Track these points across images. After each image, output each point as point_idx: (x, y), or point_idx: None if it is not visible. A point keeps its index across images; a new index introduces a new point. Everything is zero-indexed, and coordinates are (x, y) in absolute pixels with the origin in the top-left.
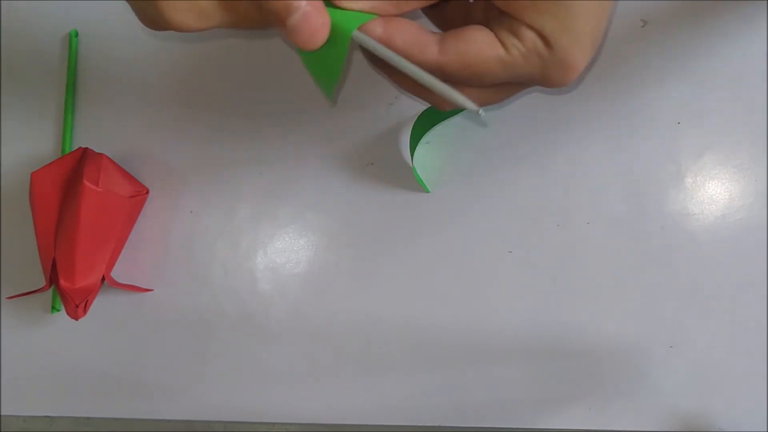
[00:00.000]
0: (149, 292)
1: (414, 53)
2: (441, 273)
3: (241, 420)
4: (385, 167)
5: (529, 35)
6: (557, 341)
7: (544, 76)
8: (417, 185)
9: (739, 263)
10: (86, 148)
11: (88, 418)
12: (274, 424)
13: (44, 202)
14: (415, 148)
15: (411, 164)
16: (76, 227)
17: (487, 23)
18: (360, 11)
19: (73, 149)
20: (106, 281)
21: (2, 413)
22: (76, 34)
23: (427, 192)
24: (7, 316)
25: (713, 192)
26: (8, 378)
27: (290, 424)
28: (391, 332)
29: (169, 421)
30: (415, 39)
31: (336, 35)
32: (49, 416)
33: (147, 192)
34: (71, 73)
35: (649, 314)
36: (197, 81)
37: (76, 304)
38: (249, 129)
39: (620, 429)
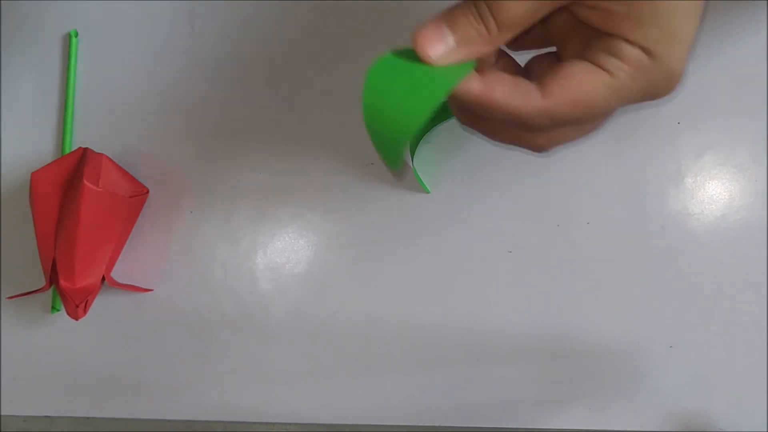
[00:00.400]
0: (149, 292)
1: (517, 104)
2: (441, 273)
3: (241, 420)
4: (385, 167)
5: (633, 52)
6: (557, 341)
7: (651, 90)
8: (417, 185)
9: (739, 263)
10: (86, 149)
11: (87, 418)
12: (274, 424)
13: (44, 202)
14: (415, 149)
15: (411, 164)
16: (76, 227)
17: (575, 49)
18: (457, 63)
19: (73, 149)
20: (106, 281)
21: (2, 413)
22: (76, 34)
23: (427, 192)
24: (7, 316)
25: (713, 192)
26: (8, 378)
27: (290, 424)
28: (391, 332)
29: (169, 421)
30: (515, 88)
31: (423, 95)
32: (49, 416)
33: (147, 192)
34: (71, 73)
35: (649, 314)
36: (197, 81)
37: (76, 304)
38: (249, 129)
39: (620, 429)
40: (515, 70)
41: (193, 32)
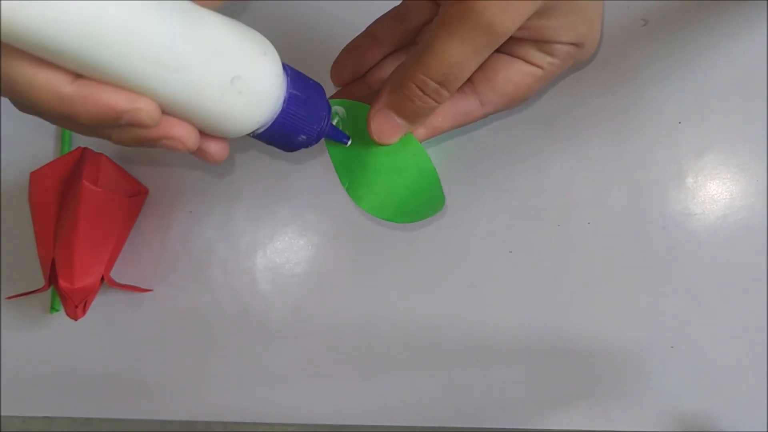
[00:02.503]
0: (149, 293)
1: (461, 125)
2: (441, 273)
3: (241, 420)
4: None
5: (563, 48)
6: (558, 341)
7: (575, 66)
8: None
9: (740, 263)
10: (85, 148)
11: (87, 419)
12: (274, 424)
13: (43, 202)
14: None
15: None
16: (75, 227)
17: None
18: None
19: (73, 149)
20: (105, 281)
21: (2, 413)
22: None
23: None
24: (7, 316)
25: (714, 192)
26: (8, 378)
27: (290, 424)
28: (391, 332)
29: (168, 421)
30: (457, 114)
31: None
32: (48, 416)
33: (146, 192)
34: None
35: (650, 314)
36: None
37: (75, 305)
38: None
39: (621, 429)
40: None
41: None
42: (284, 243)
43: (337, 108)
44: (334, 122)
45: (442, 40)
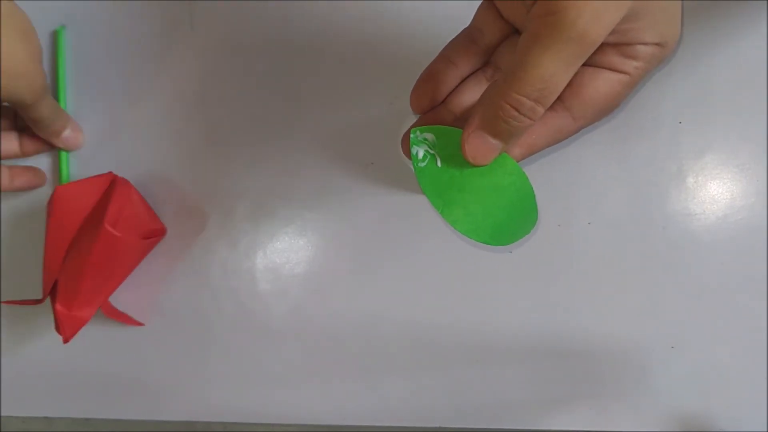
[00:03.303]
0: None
1: (556, 141)
2: (441, 273)
3: (241, 420)
4: (385, 167)
5: (647, 50)
6: (558, 341)
7: (660, 66)
8: (417, 185)
9: (740, 263)
10: (116, 177)
11: (87, 419)
12: (273, 424)
13: (61, 221)
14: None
15: (412, 165)
16: (85, 261)
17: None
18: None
19: (103, 173)
20: (101, 309)
21: (1, 414)
22: (63, 30)
23: None
24: (7, 316)
25: (715, 192)
26: (7, 378)
27: (290, 424)
28: (391, 332)
29: (168, 422)
30: (550, 131)
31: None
32: (48, 417)
33: (164, 232)
34: (60, 70)
35: (651, 314)
36: (194, 79)
37: (66, 330)
38: (248, 128)
39: (621, 429)
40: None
41: (192, 30)
42: (284, 243)
43: (426, 135)
44: (421, 150)
45: (534, 55)
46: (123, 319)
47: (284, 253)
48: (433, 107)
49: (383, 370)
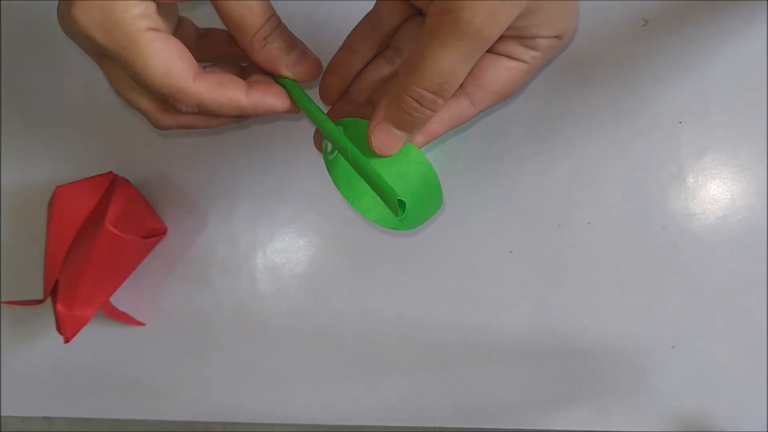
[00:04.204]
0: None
1: (456, 126)
2: (441, 273)
3: (241, 420)
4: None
5: (545, 42)
6: (558, 341)
7: (557, 54)
8: None
9: (740, 263)
10: (116, 176)
11: (86, 419)
12: (273, 424)
13: (62, 221)
14: None
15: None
16: (86, 261)
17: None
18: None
19: (104, 173)
20: (102, 309)
21: (1, 414)
22: None
23: None
24: (7, 316)
25: (715, 192)
26: (7, 378)
27: (290, 424)
28: (391, 332)
29: (168, 421)
30: (451, 117)
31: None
32: (47, 417)
33: (165, 232)
34: None
35: (651, 314)
36: None
37: (66, 329)
38: (248, 128)
39: (621, 429)
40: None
41: None
42: (284, 243)
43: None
44: (330, 143)
45: (432, 50)
46: (123, 318)
47: (284, 253)
48: (341, 98)
49: (383, 370)
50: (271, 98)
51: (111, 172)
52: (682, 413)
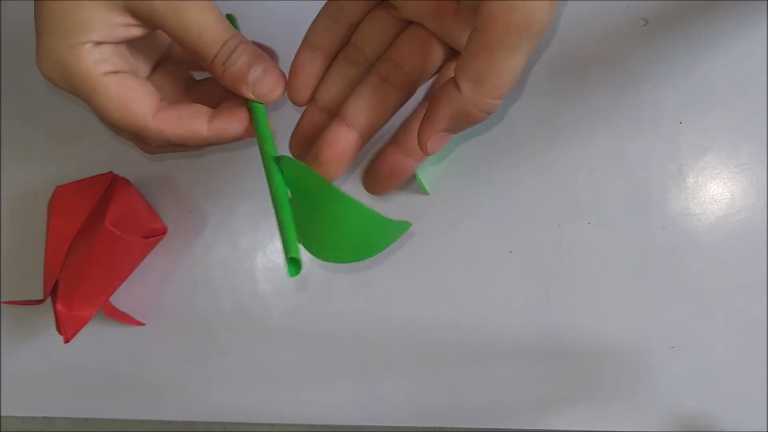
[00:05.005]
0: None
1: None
2: (441, 273)
3: (241, 421)
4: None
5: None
6: (557, 341)
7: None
8: (417, 186)
9: (740, 264)
10: (116, 176)
11: (86, 419)
12: (273, 424)
13: (62, 222)
14: None
15: None
16: (86, 261)
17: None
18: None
19: (104, 173)
20: (102, 309)
21: (2, 413)
22: None
23: (427, 194)
24: (7, 316)
25: (715, 192)
26: (7, 378)
27: (290, 424)
28: (391, 332)
29: (168, 422)
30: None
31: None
32: (47, 417)
33: (165, 232)
34: None
35: (651, 314)
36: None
37: (66, 329)
38: None
39: (621, 430)
40: None
41: None
42: None
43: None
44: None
45: (503, 58)
46: (124, 318)
47: None
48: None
49: (383, 370)
50: (233, 124)
51: (111, 172)
52: (682, 413)
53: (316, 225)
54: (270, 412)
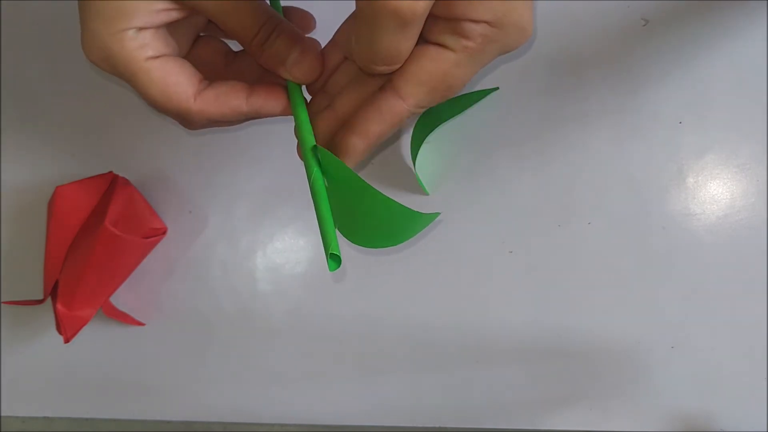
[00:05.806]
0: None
1: (393, 125)
2: (441, 273)
3: (241, 421)
4: (385, 167)
5: (478, 28)
6: (558, 341)
7: (504, 50)
8: (417, 186)
9: (740, 263)
10: (116, 176)
11: (87, 419)
12: (273, 424)
13: (62, 222)
14: (417, 151)
15: (411, 166)
16: (86, 262)
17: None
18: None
19: (104, 173)
20: (102, 309)
21: (1, 414)
22: None
23: (427, 194)
24: (7, 316)
25: (715, 192)
26: (7, 378)
27: (290, 424)
28: (391, 332)
29: (168, 422)
30: (383, 114)
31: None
32: (48, 417)
33: (165, 232)
34: None
35: (651, 314)
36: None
37: (66, 329)
38: (248, 128)
39: (621, 430)
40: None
41: None
42: (284, 243)
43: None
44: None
45: (361, 33)
46: (124, 318)
47: (284, 253)
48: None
49: (383, 370)
50: (271, 102)
51: (111, 172)
52: (682, 413)
53: (351, 213)
54: (270, 412)
